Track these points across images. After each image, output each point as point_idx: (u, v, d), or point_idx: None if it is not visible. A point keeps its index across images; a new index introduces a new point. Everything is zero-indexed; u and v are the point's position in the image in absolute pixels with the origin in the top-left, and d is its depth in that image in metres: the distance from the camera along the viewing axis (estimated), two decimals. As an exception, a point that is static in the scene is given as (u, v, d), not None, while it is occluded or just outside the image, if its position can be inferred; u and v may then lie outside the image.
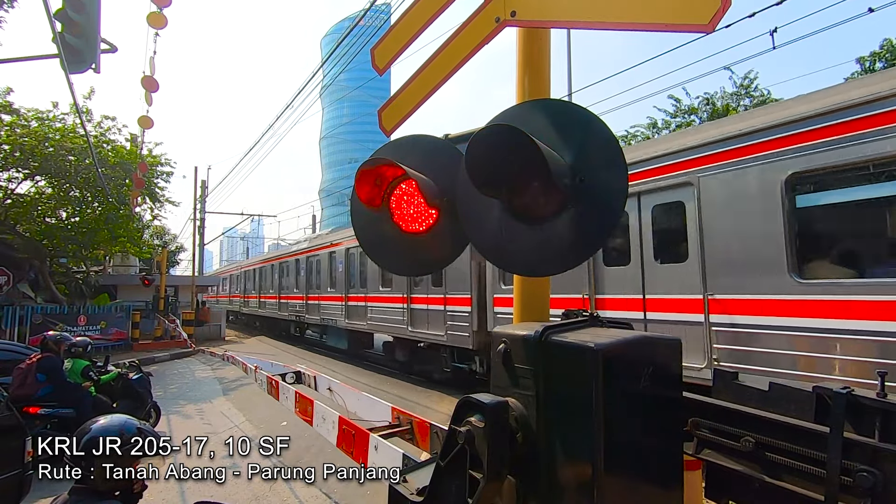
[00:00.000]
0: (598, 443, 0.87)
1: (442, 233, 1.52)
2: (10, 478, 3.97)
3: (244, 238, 72.79)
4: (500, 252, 1.31)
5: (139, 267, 24.52)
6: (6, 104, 14.00)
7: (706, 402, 1.14)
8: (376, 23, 11.12)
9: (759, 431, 1.02)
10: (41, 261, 15.96)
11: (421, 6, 1.76)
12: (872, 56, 26.00)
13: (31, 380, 5.57)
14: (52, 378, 5.63)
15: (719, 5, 1.07)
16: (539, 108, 1.27)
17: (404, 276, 9.47)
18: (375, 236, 1.68)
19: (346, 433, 1.97)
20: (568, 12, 1.35)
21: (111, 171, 15.21)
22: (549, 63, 1.60)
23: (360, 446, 1.88)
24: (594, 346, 0.89)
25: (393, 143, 1.65)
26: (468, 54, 1.59)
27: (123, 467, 1.55)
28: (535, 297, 1.62)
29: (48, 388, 5.64)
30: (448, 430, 1.04)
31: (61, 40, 5.17)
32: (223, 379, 12.25)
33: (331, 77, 17.44)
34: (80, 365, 6.03)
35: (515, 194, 1.20)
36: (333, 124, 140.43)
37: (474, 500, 0.95)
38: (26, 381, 5.55)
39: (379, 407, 2.32)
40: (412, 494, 1.23)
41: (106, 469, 1.51)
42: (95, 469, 1.50)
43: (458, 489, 1.02)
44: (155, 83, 8.97)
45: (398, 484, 1.31)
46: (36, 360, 5.65)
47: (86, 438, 1.51)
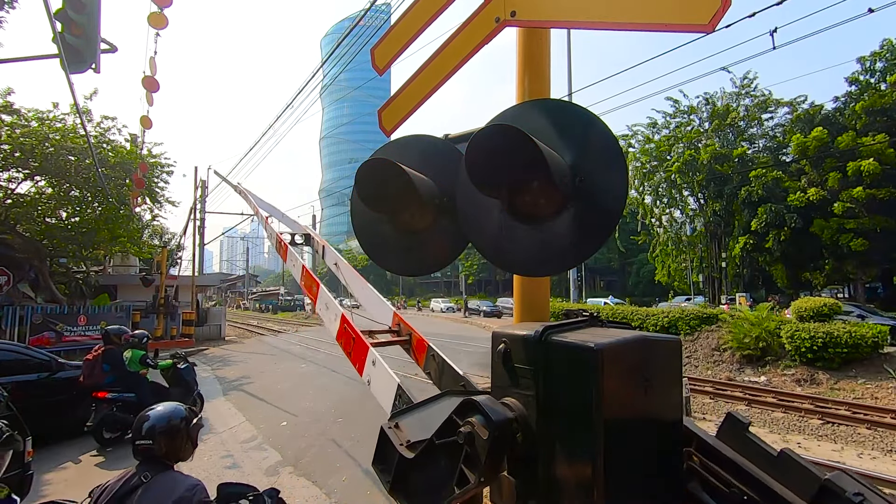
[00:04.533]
0: (598, 443, 0.86)
1: (442, 233, 1.52)
2: (10, 478, 3.98)
3: (244, 238, 72.89)
4: (499, 252, 1.31)
5: (139, 267, 24.52)
6: (7, 104, 14.00)
7: (710, 443, 1.11)
8: (376, 23, 11.12)
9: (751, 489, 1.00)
10: (41, 261, 15.96)
11: (421, 6, 1.76)
12: (872, 56, 26.06)
13: (98, 370, 6.52)
14: (115, 368, 6.55)
15: (719, 5, 1.07)
16: (539, 108, 1.27)
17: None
18: (375, 236, 1.68)
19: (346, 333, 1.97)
20: (568, 12, 1.35)
21: (111, 171, 15.21)
22: (549, 63, 1.60)
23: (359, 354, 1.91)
24: (594, 345, 0.89)
25: (393, 142, 1.65)
26: (468, 54, 1.59)
27: (176, 443, 1.99)
28: (535, 297, 1.62)
29: (112, 377, 6.57)
30: (448, 418, 1.04)
31: (61, 40, 5.17)
32: (223, 379, 12.25)
33: (331, 77, 17.43)
34: (138, 355, 6.73)
35: (515, 194, 1.20)
36: (333, 124, 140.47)
37: (462, 494, 0.96)
38: (94, 371, 6.51)
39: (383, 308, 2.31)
40: (401, 445, 1.24)
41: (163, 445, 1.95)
42: (156, 446, 1.94)
43: (446, 470, 1.03)
44: (155, 83, 8.96)
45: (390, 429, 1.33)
46: (101, 353, 6.58)
47: (147, 424, 1.96)
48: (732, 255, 30.54)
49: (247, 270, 70.92)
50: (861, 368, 11.10)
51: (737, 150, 31.19)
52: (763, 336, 12.58)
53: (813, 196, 25.63)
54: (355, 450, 6.37)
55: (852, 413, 8.85)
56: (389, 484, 1.21)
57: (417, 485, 1.15)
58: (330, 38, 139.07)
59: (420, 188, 1.37)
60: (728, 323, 14.06)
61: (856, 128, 25.21)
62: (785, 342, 12.14)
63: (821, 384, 11.10)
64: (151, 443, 1.93)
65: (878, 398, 9.94)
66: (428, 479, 1.13)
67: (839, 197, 24.55)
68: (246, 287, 65.85)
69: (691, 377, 11.90)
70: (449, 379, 1.87)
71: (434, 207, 1.46)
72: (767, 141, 33.01)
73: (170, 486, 1.84)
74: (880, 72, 25.81)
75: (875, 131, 24.10)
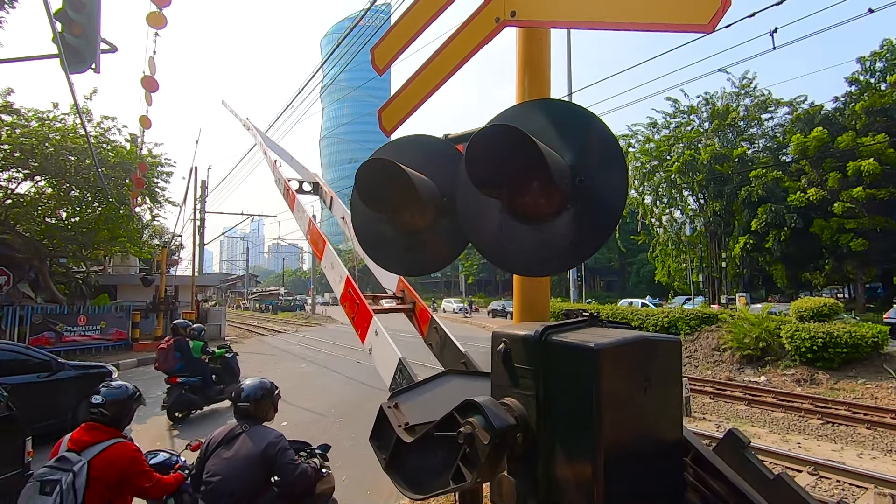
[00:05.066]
0: (598, 443, 0.86)
1: (442, 233, 1.52)
2: (10, 478, 3.98)
3: (244, 238, 72.85)
4: (499, 252, 1.31)
5: (139, 267, 24.51)
6: (6, 104, 13.99)
7: (706, 456, 1.11)
8: (376, 23, 11.12)
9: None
10: (41, 261, 15.95)
11: (421, 6, 1.76)
12: (872, 56, 26.07)
13: (170, 358, 7.54)
14: (184, 355, 7.62)
15: (719, 5, 1.07)
16: (539, 108, 1.27)
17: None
18: (375, 236, 1.68)
19: (350, 296, 1.98)
20: (568, 12, 1.35)
21: (111, 171, 15.20)
22: (549, 63, 1.60)
23: (362, 321, 1.94)
24: (594, 345, 0.89)
25: (393, 142, 1.65)
26: (468, 54, 1.59)
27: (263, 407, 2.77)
28: (535, 297, 1.62)
29: (181, 364, 7.61)
30: (449, 414, 1.04)
31: (61, 40, 5.17)
32: (223, 379, 12.25)
33: (331, 77, 17.43)
34: (199, 345, 7.95)
35: (515, 194, 1.20)
36: (333, 124, 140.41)
37: (456, 489, 0.97)
38: (167, 358, 7.52)
39: (388, 274, 2.32)
40: (399, 427, 1.25)
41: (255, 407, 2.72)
42: (251, 407, 2.71)
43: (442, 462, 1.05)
44: (155, 83, 8.95)
45: (389, 408, 1.33)
46: (172, 342, 7.61)
47: (244, 392, 2.75)
48: (732, 255, 30.55)
49: (247, 270, 70.91)
50: (861, 368, 11.10)
51: (737, 150, 31.19)
52: (763, 336, 12.58)
53: (813, 196, 25.63)
54: (355, 450, 6.37)
55: (852, 413, 8.86)
56: (385, 461, 1.27)
57: (413, 468, 1.20)
58: (330, 38, 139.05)
59: (420, 188, 1.37)
60: (728, 323, 14.06)
61: (856, 128, 25.21)
62: (785, 342, 12.14)
63: (821, 384, 11.10)
64: (248, 405, 2.72)
65: (878, 398, 9.94)
66: (423, 466, 1.17)
67: (839, 197, 24.55)
68: (246, 287, 65.85)
69: (691, 377, 11.91)
70: (450, 354, 1.88)
71: (434, 207, 1.46)
72: (767, 141, 33.01)
73: (263, 433, 2.65)
74: (880, 72, 25.82)
75: (875, 131, 24.09)
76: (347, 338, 19.89)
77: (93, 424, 2.55)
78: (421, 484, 1.17)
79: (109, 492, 2.40)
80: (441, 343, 1.89)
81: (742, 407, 9.69)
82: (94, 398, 2.58)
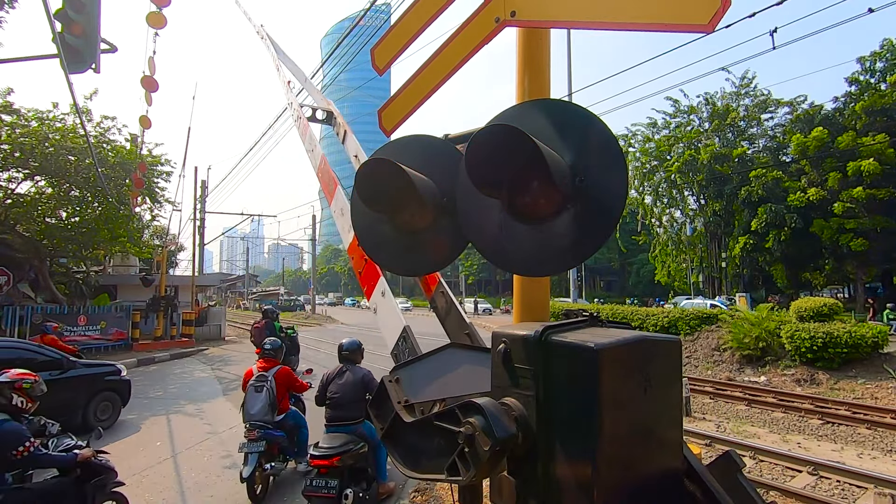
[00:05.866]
0: (598, 443, 0.86)
1: (442, 233, 1.52)
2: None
3: (244, 238, 72.85)
4: (499, 252, 1.30)
5: (139, 267, 24.50)
6: (6, 104, 14.00)
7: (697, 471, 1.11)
8: (376, 23, 11.12)
9: None
10: (41, 261, 15.96)
11: (421, 6, 1.76)
12: (872, 56, 26.07)
13: (263, 334, 9.49)
14: (272, 333, 9.54)
15: (719, 5, 1.06)
16: (539, 108, 1.26)
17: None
18: (375, 236, 1.68)
19: (359, 249, 1.97)
20: (568, 12, 1.35)
21: (111, 171, 15.20)
22: (549, 63, 1.59)
23: (369, 277, 1.94)
24: (594, 345, 0.89)
25: (392, 142, 1.64)
26: (468, 54, 1.59)
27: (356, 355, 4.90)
28: (535, 297, 1.62)
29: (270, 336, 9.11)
30: (450, 409, 1.04)
31: (61, 40, 5.17)
32: (223, 379, 12.26)
33: (331, 77, 17.43)
34: (277, 325, 10.36)
35: (515, 194, 1.20)
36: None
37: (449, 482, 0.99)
38: (262, 336, 9.28)
39: None
40: (398, 404, 1.25)
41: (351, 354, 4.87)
42: (349, 355, 4.85)
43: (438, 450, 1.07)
44: (155, 83, 8.96)
45: (391, 382, 1.33)
46: (265, 322, 10.14)
47: (345, 345, 4.92)
48: (732, 255, 30.55)
49: (247, 270, 70.85)
50: (861, 368, 11.10)
51: (737, 150, 31.20)
52: (763, 336, 12.57)
53: (813, 196, 25.64)
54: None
55: (852, 413, 8.85)
56: (383, 431, 1.32)
57: (408, 445, 1.23)
58: (330, 38, 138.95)
59: (420, 188, 1.37)
60: (728, 323, 14.06)
61: (856, 128, 25.21)
62: (785, 342, 12.13)
63: (821, 384, 11.09)
64: (349, 352, 4.82)
65: (878, 398, 9.93)
66: (420, 447, 1.19)
67: (839, 197, 24.56)
68: (246, 287, 65.80)
69: (691, 377, 11.91)
70: (454, 321, 1.88)
71: (434, 207, 1.46)
72: (767, 141, 33.01)
73: (360, 371, 4.69)
74: (880, 72, 25.82)
75: (875, 131, 24.10)
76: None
77: (267, 359, 5.22)
78: (417, 463, 1.20)
79: (283, 388, 5.13)
80: (447, 307, 1.89)
81: (742, 407, 9.69)
82: (266, 344, 5.30)
